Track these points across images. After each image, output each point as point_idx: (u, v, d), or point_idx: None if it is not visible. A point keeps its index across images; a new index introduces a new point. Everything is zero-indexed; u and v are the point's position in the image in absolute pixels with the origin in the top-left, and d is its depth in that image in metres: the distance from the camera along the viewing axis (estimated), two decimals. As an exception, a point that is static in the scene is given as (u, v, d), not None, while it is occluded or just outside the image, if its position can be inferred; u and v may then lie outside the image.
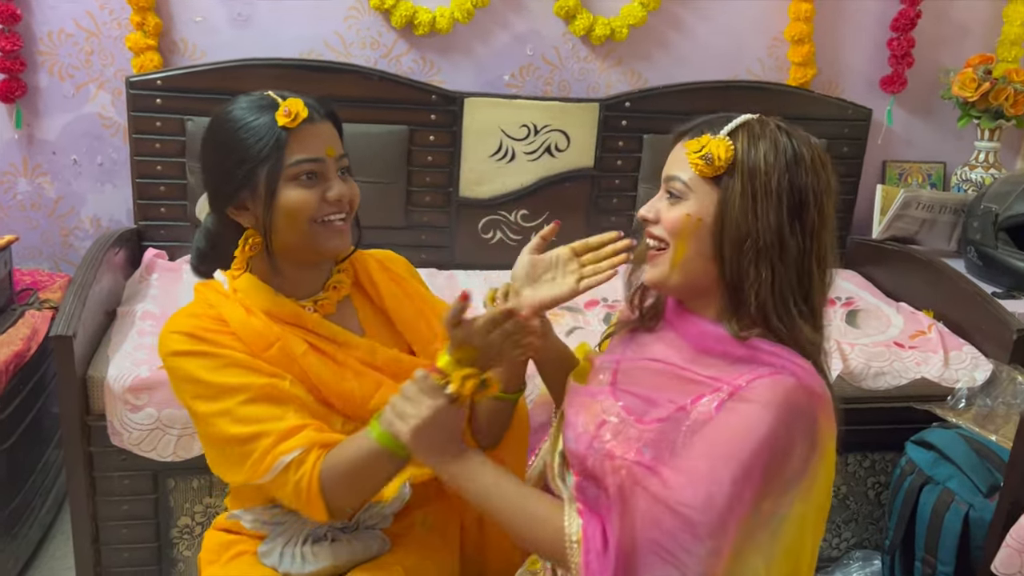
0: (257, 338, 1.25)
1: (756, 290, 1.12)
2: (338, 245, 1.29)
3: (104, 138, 2.53)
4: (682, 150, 1.17)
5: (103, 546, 1.88)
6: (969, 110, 2.75)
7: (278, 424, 1.20)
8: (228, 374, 1.22)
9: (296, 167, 1.23)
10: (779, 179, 1.12)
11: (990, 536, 1.72)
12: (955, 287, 2.40)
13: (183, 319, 1.28)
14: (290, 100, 1.23)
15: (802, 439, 1.08)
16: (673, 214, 1.16)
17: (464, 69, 2.63)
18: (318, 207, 1.25)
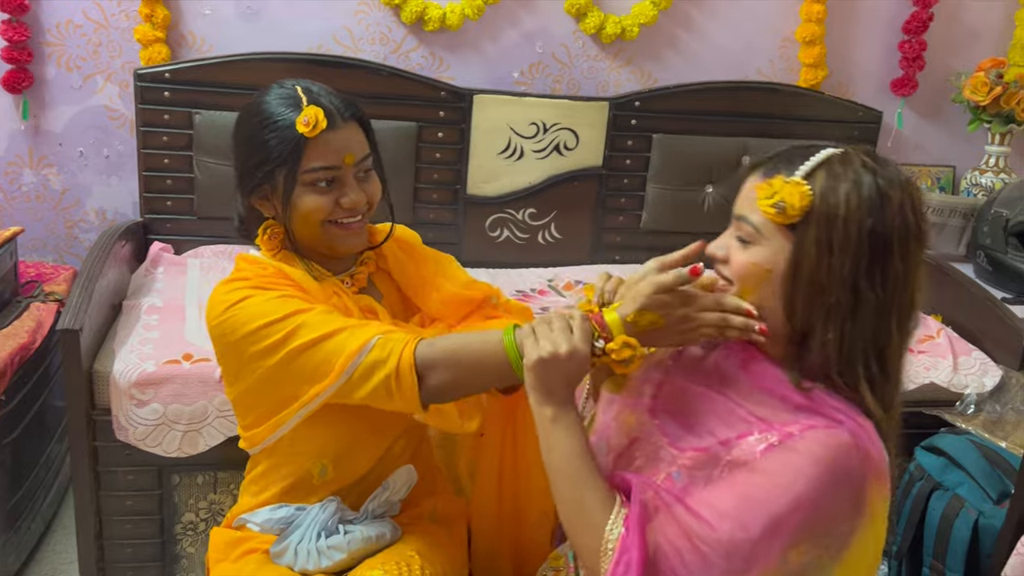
0: (317, 291, 1.29)
1: (823, 346, 1.06)
2: (352, 245, 1.32)
3: (111, 130, 2.52)
4: (753, 188, 1.08)
5: (106, 541, 1.87)
6: (980, 114, 2.74)
7: (358, 326, 1.22)
8: (296, 302, 1.24)
9: (311, 174, 1.25)
10: (860, 227, 1.03)
11: (999, 544, 1.71)
12: (964, 292, 2.39)
13: (232, 281, 1.29)
14: (310, 108, 1.23)
15: (847, 503, 1.01)
16: (741, 259, 1.09)
17: (473, 66, 2.62)
18: (332, 211, 1.28)
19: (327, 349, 1.19)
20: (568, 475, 1.07)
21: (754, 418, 1.08)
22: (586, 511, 1.06)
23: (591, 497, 1.06)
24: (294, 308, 1.22)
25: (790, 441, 1.03)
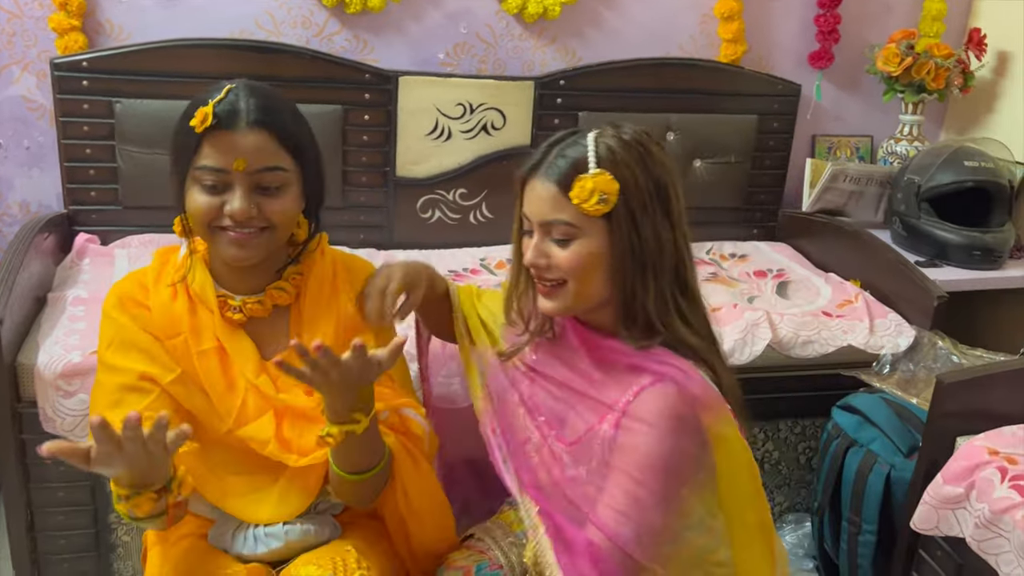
0: (168, 323, 1.28)
1: (643, 301, 1.20)
2: (235, 255, 1.25)
3: (30, 121, 2.48)
4: (550, 191, 1.19)
5: (39, 533, 1.87)
6: (893, 84, 2.83)
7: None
8: (117, 352, 1.27)
9: (198, 172, 1.23)
10: (647, 186, 1.19)
11: (910, 495, 1.79)
12: (881, 257, 2.48)
13: (126, 279, 1.35)
14: (206, 106, 1.20)
15: (694, 443, 1.17)
16: (570, 256, 1.20)
17: (398, 48, 2.63)
18: (215, 216, 1.24)
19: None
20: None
21: (601, 404, 1.22)
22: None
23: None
24: (110, 361, 1.28)
25: (629, 409, 1.18)
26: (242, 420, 1.27)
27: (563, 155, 1.20)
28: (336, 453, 1.23)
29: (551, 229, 1.21)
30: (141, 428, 1.02)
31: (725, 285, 2.49)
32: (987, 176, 2.53)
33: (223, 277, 1.32)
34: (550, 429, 1.28)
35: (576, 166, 1.18)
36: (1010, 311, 2.71)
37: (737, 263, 2.69)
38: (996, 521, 1.54)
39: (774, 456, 2.29)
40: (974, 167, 2.54)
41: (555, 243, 1.21)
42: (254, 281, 1.32)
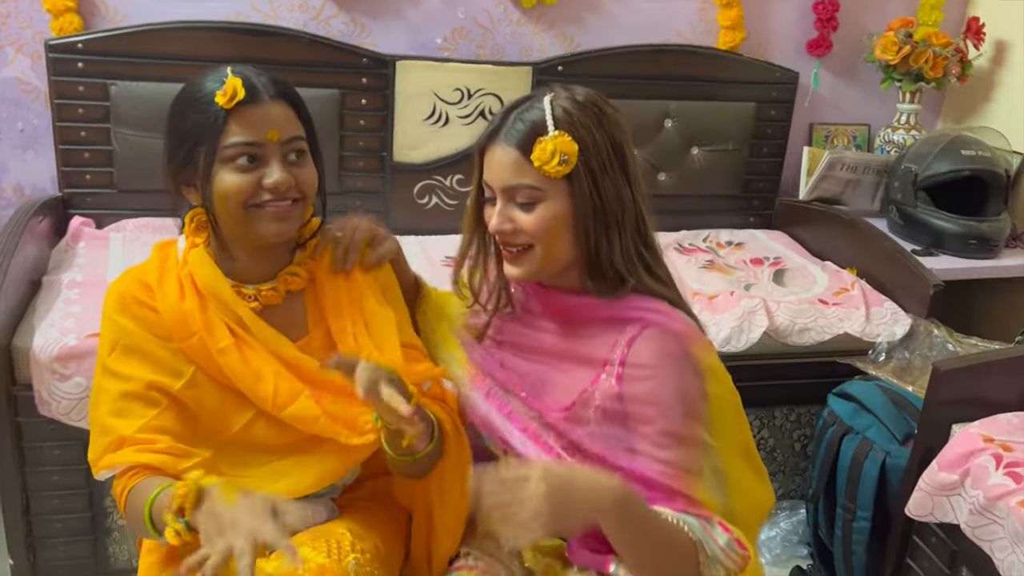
0: (180, 324, 1.24)
1: (610, 256, 1.22)
2: (276, 231, 1.23)
3: (25, 104, 2.46)
4: (511, 155, 1.20)
5: (34, 517, 1.86)
6: (891, 73, 2.83)
7: (128, 430, 1.20)
8: (121, 357, 1.23)
9: (232, 149, 1.19)
10: (605, 146, 1.20)
11: (905, 481, 1.80)
12: (877, 246, 2.49)
13: (126, 278, 1.29)
14: (232, 79, 1.19)
15: (692, 376, 1.20)
16: (535, 220, 1.21)
17: (395, 32, 2.61)
18: (253, 192, 1.21)
19: (93, 433, 1.24)
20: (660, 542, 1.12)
21: (591, 361, 1.23)
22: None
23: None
24: (113, 367, 1.23)
25: (627, 360, 1.19)
26: (280, 405, 1.24)
27: (521, 119, 1.21)
28: (388, 436, 1.22)
29: (515, 194, 1.21)
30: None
31: (722, 273, 2.49)
32: (984, 165, 2.53)
33: (235, 267, 1.29)
34: (535, 402, 1.28)
35: (535, 129, 1.19)
36: (1005, 300, 2.72)
37: (734, 251, 2.69)
38: (991, 508, 1.55)
39: (769, 443, 2.29)
40: (971, 156, 2.54)
41: (519, 208, 1.22)
42: (272, 267, 1.30)
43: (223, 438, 1.27)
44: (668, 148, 2.76)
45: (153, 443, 1.20)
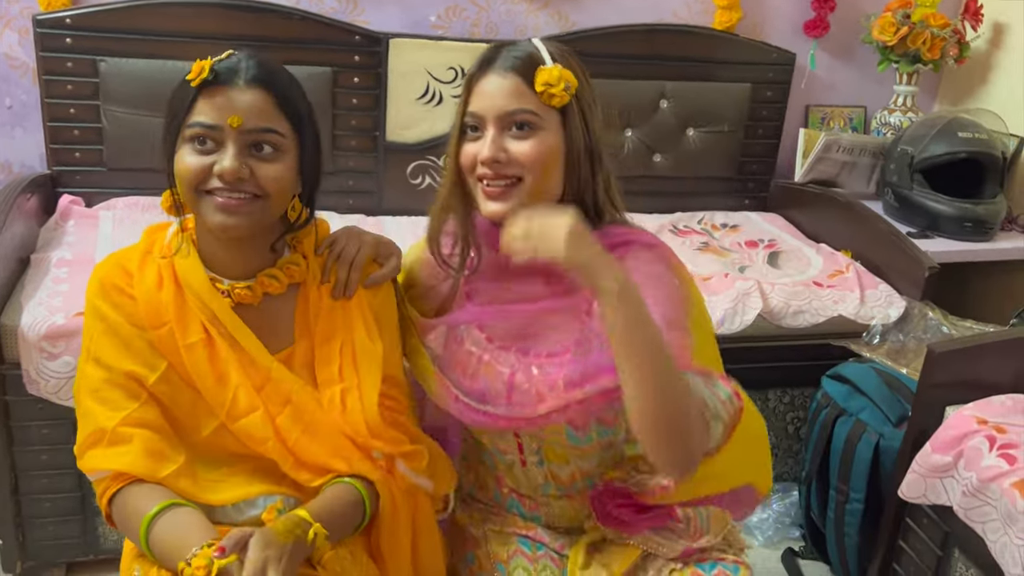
0: (153, 313, 1.21)
1: (595, 190, 1.25)
2: (220, 223, 1.17)
3: (12, 80, 2.43)
4: (511, 81, 1.20)
5: (23, 496, 1.85)
6: (888, 54, 2.81)
7: (108, 422, 1.17)
8: (105, 343, 1.20)
9: (190, 129, 1.15)
10: (589, 86, 1.24)
11: (898, 463, 1.80)
12: (873, 228, 2.48)
13: (108, 263, 1.25)
14: (207, 60, 1.16)
15: (681, 283, 1.24)
16: (529, 148, 1.20)
17: (388, 9, 2.58)
18: (203, 177, 1.16)
19: (80, 424, 1.22)
20: (660, 367, 1.08)
21: (582, 302, 1.23)
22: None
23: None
24: (97, 353, 1.20)
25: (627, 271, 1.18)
26: (234, 415, 1.20)
27: (515, 53, 1.22)
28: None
29: (511, 121, 1.20)
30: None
31: (716, 255, 2.48)
32: (980, 147, 2.52)
33: (212, 259, 1.24)
34: (530, 356, 1.26)
35: (533, 60, 1.21)
36: (1000, 283, 2.71)
37: (728, 233, 2.68)
38: (983, 489, 1.55)
39: (763, 425, 2.29)
40: (967, 138, 2.53)
41: (513, 138, 1.21)
42: (245, 265, 1.24)
43: (195, 439, 1.23)
44: (663, 129, 2.74)
45: (131, 440, 1.17)
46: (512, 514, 1.42)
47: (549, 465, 1.34)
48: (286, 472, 1.21)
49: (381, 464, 1.23)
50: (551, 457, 1.33)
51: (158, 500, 1.14)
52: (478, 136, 1.22)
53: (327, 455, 1.21)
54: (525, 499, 1.40)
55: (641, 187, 2.75)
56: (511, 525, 1.41)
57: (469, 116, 1.23)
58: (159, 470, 1.17)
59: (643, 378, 1.08)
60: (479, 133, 1.22)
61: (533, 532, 1.39)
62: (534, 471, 1.35)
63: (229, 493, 1.22)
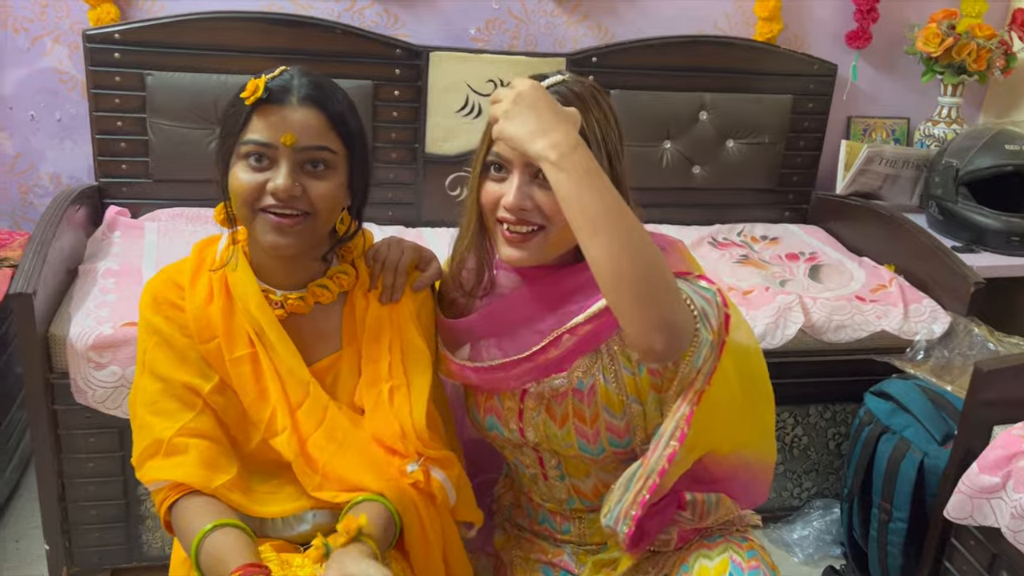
0: (203, 327, 1.23)
1: None
2: (273, 243, 1.19)
3: (62, 93, 2.48)
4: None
5: (70, 504, 1.88)
6: (932, 65, 2.77)
7: (165, 432, 1.19)
8: (160, 355, 1.22)
9: (245, 146, 1.17)
10: (612, 120, 1.20)
11: (944, 483, 1.77)
12: (916, 241, 2.44)
13: (161, 278, 1.28)
14: (262, 78, 1.16)
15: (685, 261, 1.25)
16: (556, 199, 1.12)
17: (429, 22, 2.60)
18: (258, 194, 1.17)
19: (135, 436, 1.24)
20: (622, 226, 1.06)
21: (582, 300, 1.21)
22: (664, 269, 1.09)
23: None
24: (152, 365, 1.23)
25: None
26: (271, 431, 1.23)
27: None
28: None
29: (539, 169, 1.13)
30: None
31: (756, 268, 2.46)
32: (1028, 160, 2.47)
33: (264, 271, 1.26)
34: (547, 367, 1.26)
35: (565, 99, 1.15)
36: (1048, 299, 2.66)
37: (768, 245, 2.65)
38: (1034, 512, 1.52)
39: (803, 441, 2.26)
40: (1015, 151, 2.48)
41: (540, 187, 1.16)
42: (297, 276, 1.27)
43: (244, 451, 1.26)
44: (703, 141, 2.73)
45: (187, 451, 1.19)
46: (544, 531, 1.41)
47: (570, 478, 1.34)
48: (309, 492, 1.23)
49: (418, 475, 1.24)
50: (571, 470, 1.33)
51: (211, 517, 1.16)
52: (503, 177, 1.19)
53: (358, 474, 1.22)
54: (555, 515, 1.40)
55: (680, 199, 2.75)
56: (537, 551, 1.41)
57: (494, 155, 1.19)
58: (213, 480, 1.19)
59: (607, 241, 1.04)
60: (503, 174, 1.19)
61: (559, 559, 1.39)
62: (556, 485, 1.36)
63: (278, 507, 1.24)
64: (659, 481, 1.17)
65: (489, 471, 1.54)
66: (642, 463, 1.19)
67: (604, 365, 1.25)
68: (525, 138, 1.07)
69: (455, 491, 1.28)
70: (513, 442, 1.32)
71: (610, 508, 1.20)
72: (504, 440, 1.33)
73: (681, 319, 1.08)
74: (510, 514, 1.47)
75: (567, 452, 1.29)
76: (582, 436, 1.25)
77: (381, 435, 1.25)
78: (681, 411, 1.17)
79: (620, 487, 1.20)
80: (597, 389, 1.24)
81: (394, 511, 1.21)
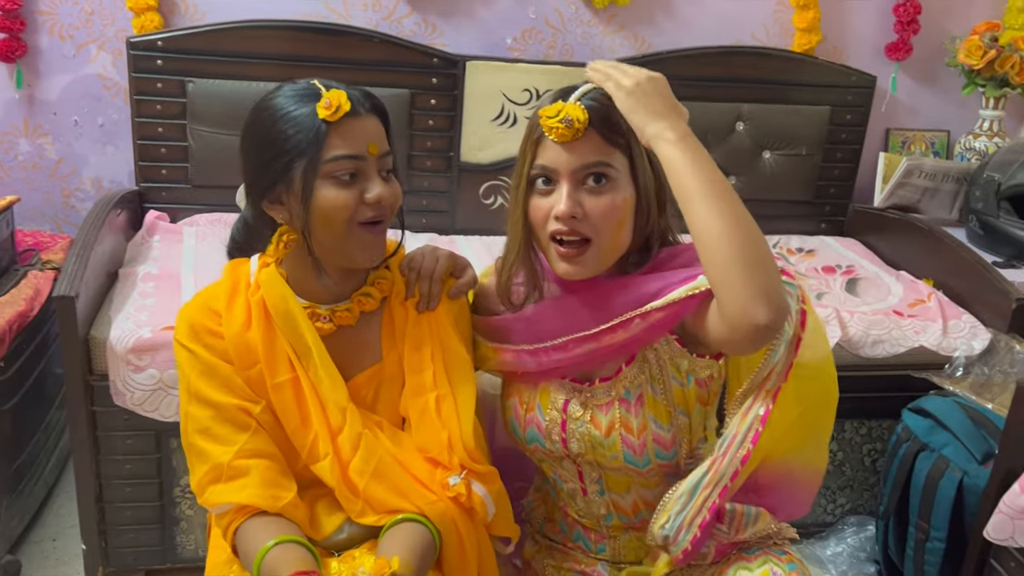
0: (243, 354, 1.23)
1: (657, 229, 1.23)
2: (370, 257, 1.22)
3: (105, 99, 2.53)
4: (589, 134, 1.15)
5: (107, 504, 1.91)
6: (974, 78, 2.74)
7: (223, 456, 1.20)
8: (205, 383, 1.22)
9: (334, 163, 1.15)
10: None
11: (983, 503, 1.74)
12: (956, 256, 2.40)
13: (195, 305, 1.27)
14: (333, 91, 1.15)
15: None
16: (605, 204, 1.16)
17: (466, 32, 2.62)
18: (356, 208, 1.18)
19: (191, 463, 1.24)
20: (732, 201, 1.09)
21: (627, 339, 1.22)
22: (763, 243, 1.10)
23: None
24: (200, 392, 1.22)
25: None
26: (313, 457, 1.23)
27: (566, 93, 1.20)
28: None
29: (586, 176, 1.16)
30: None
31: (792, 280, 2.44)
32: (1072, 175, 2.43)
33: (307, 288, 1.26)
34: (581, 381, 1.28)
35: (603, 108, 1.18)
36: (1091, 316, 2.61)
37: (804, 258, 2.63)
38: (1077, 534, 1.49)
39: (838, 457, 2.24)
40: (1058, 165, 2.44)
41: (588, 192, 1.17)
42: (341, 288, 1.27)
43: (295, 469, 1.26)
44: (739, 151, 2.71)
45: (248, 473, 1.20)
46: (577, 548, 1.41)
47: (610, 494, 1.33)
48: (353, 519, 1.24)
49: (460, 489, 1.23)
50: (611, 485, 1.32)
51: (274, 534, 1.17)
52: (550, 190, 1.19)
53: (395, 497, 1.22)
54: (590, 532, 1.39)
55: (715, 210, 2.73)
56: (571, 561, 1.40)
57: (538, 168, 1.19)
58: (279, 499, 1.20)
59: (721, 210, 1.07)
60: (550, 187, 1.19)
61: (592, 569, 1.38)
62: (595, 500, 1.34)
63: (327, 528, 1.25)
64: (731, 484, 1.16)
65: (518, 479, 1.53)
66: (709, 469, 1.17)
67: (653, 375, 1.24)
68: (644, 118, 1.12)
69: (494, 506, 1.28)
70: (554, 455, 1.31)
71: (670, 517, 1.19)
72: (544, 453, 1.32)
73: (782, 293, 1.08)
74: (542, 527, 1.47)
75: (611, 464, 1.28)
76: (628, 447, 1.25)
77: (427, 446, 1.25)
78: (754, 411, 1.16)
79: (683, 495, 1.18)
80: (644, 399, 1.24)
81: (434, 531, 1.21)
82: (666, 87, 1.16)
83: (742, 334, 1.07)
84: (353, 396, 1.27)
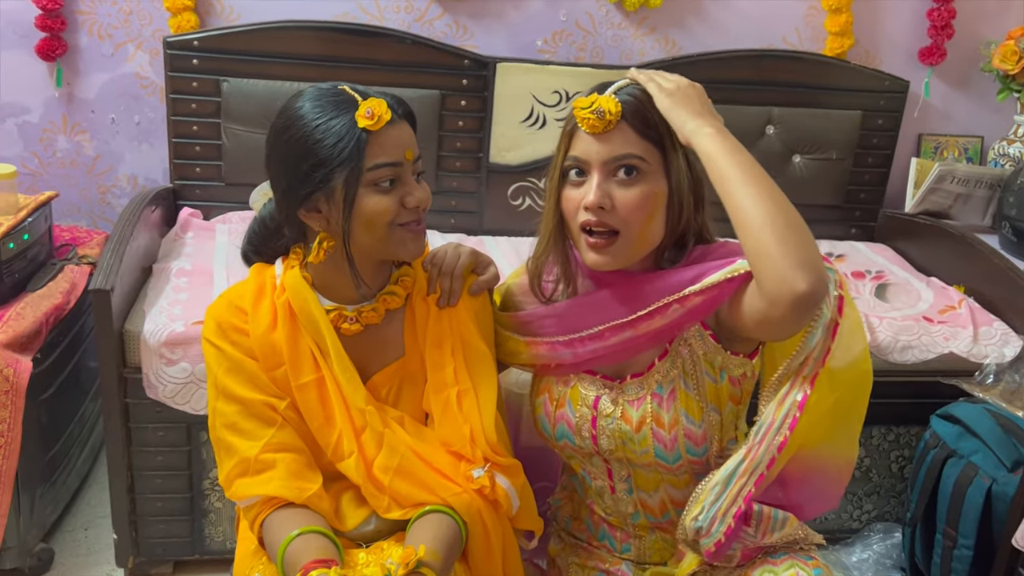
0: (269, 355, 1.26)
1: (695, 230, 1.25)
2: (414, 251, 1.25)
3: (141, 98, 2.57)
4: (620, 126, 1.17)
5: (138, 495, 1.94)
6: (1009, 83, 2.71)
7: (250, 451, 1.22)
8: (232, 379, 1.25)
9: (375, 172, 1.17)
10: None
11: (1012, 510, 1.72)
12: (988, 263, 2.38)
13: (222, 304, 1.29)
14: (372, 100, 1.17)
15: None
16: (637, 194, 1.18)
17: (497, 34, 2.63)
18: (397, 213, 1.21)
19: (220, 457, 1.27)
20: (769, 183, 1.13)
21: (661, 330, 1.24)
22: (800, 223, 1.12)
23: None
24: (227, 388, 1.24)
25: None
26: (338, 455, 1.26)
27: (603, 87, 1.22)
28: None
29: (617, 168, 1.18)
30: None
31: (821, 285, 2.43)
32: (1108, 182, 2.40)
33: (331, 291, 1.28)
34: (611, 379, 1.29)
35: (639, 102, 1.20)
36: None
37: (834, 263, 2.61)
38: (1108, 544, 1.47)
39: (865, 463, 2.22)
40: (1094, 172, 2.41)
41: (618, 184, 1.18)
42: (370, 287, 1.29)
43: (321, 463, 1.28)
44: (769, 155, 2.70)
45: (275, 465, 1.22)
46: (602, 547, 1.41)
47: (638, 492, 1.33)
48: (380, 515, 1.26)
49: (484, 481, 1.25)
50: (640, 483, 1.33)
51: (299, 525, 1.19)
52: (581, 181, 1.21)
53: (421, 491, 1.24)
54: (616, 530, 1.39)
55: (744, 214, 2.72)
56: (596, 559, 1.41)
57: (572, 160, 1.21)
58: (304, 490, 1.22)
59: (759, 190, 1.11)
60: (583, 178, 1.21)
61: (617, 568, 1.39)
62: (623, 499, 1.35)
63: (352, 520, 1.27)
64: (767, 473, 1.16)
65: (543, 479, 1.54)
66: (745, 457, 1.18)
67: (686, 370, 1.25)
68: (684, 116, 1.16)
69: (519, 499, 1.29)
70: (584, 451, 1.32)
71: (703, 508, 1.19)
72: (574, 449, 1.33)
73: (821, 263, 1.10)
74: (568, 525, 1.47)
75: (641, 460, 1.28)
76: (659, 441, 1.25)
77: (450, 440, 1.27)
78: (792, 397, 1.16)
79: (718, 484, 1.19)
80: (677, 394, 1.24)
81: (460, 522, 1.22)
82: (704, 95, 1.21)
83: (783, 307, 1.07)
84: (376, 392, 1.30)
